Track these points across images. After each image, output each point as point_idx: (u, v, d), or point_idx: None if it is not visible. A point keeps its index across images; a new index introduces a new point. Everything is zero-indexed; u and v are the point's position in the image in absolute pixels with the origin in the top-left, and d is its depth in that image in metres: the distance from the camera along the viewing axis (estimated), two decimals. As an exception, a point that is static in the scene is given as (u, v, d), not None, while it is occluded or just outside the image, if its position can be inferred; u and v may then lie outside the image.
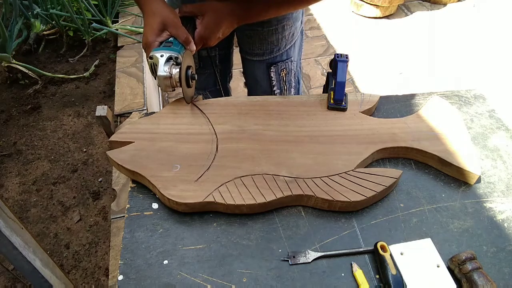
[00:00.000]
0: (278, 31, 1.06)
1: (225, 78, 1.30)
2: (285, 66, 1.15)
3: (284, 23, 1.05)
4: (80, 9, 2.08)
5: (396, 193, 0.74)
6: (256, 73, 1.17)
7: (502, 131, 0.84)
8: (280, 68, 1.14)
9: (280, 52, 1.11)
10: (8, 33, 1.97)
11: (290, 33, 1.09)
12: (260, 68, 1.15)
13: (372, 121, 0.82)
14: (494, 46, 2.64)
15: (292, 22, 1.07)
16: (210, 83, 1.25)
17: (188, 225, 0.69)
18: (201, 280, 0.62)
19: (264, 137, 0.79)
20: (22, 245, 0.91)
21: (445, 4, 3.08)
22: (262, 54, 1.11)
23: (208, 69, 1.19)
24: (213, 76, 1.22)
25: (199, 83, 1.26)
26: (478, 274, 0.59)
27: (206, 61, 1.18)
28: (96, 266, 1.45)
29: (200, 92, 1.28)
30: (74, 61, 2.30)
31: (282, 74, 1.16)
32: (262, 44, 1.09)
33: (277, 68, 1.14)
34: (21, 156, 1.84)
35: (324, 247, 0.66)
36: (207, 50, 1.15)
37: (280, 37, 1.08)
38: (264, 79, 1.17)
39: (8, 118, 2.01)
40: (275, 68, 1.14)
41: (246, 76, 1.24)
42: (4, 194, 1.68)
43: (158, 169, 0.72)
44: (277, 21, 1.04)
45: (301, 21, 1.15)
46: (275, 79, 1.16)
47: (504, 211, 0.71)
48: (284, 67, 1.15)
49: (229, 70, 1.30)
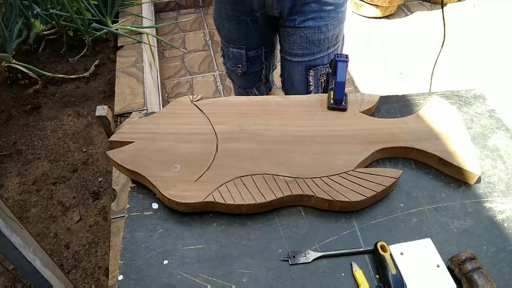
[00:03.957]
0: (322, 30, 1.02)
1: (269, 71, 1.30)
2: (325, 71, 1.09)
3: (329, 22, 1.02)
4: (80, 9, 2.08)
5: (396, 193, 0.74)
6: (293, 75, 1.13)
7: (502, 131, 0.84)
8: (319, 73, 1.09)
9: (321, 54, 1.07)
10: (8, 33, 1.97)
11: (334, 35, 1.05)
12: (298, 70, 1.10)
13: (372, 121, 0.82)
14: (494, 46, 2.64)
15: (337, 22, 1.04)
16: (256, 79, 1.26)
17: (188, 225, 0.69)
18: (201, 280, 0.62)
19: (264, 137, 0.79)
20: (22, 245, 0.91)
21: (445, 4, 3.08)
22: (301, 54, 1.07)
23: (256, 68, 1.21)
24: (259, 73, 1.24)
25: (247, 83, 1.27)
26: (478, 274, 0.59)
27: (253, 60, 1.19)
28: (96, 266, 1.45)
29: (248, 90, 1.29)
30: (74, 61, 2.30)
31: (322, 80, 1.10)
32: (303, 43, 1.05)
33: (316, 72, 1.09)
34: (21, 156, 1.84)
35: (324, 247, 0.66)
36: (256, 49, 1.17)
37: (323, 37, 1.04)
38: (301, 82, 1.12)
39: (8, 118, 2.01)
40: (314, 72, 1.09)
41: (284, 78, 1.20)
42: (4, 194, 1.68)
43: (158, 169, 0.72)
44: (321, 19, 1.01)
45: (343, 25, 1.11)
46: (313, 84, 1.11)
47: (504, 211, 0.71)
48: (324, 72, 1.09)
49: (273, 63, 1.30)
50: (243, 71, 1.22)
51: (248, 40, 1.15)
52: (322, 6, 1.00)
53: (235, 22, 1.11)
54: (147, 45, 2.18)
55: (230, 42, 1.18)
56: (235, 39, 1.16)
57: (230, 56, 1.21)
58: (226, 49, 1.22)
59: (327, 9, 1.01)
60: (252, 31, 1.13)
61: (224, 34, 1.18)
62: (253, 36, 1.15)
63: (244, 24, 1.11)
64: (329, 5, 1.01)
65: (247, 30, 1.13)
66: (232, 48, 1.19)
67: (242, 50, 1.17)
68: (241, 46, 1.17)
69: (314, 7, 1.00)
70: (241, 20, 1.10)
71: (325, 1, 1.00)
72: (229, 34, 1.16)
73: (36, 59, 2.31)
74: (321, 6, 1.00)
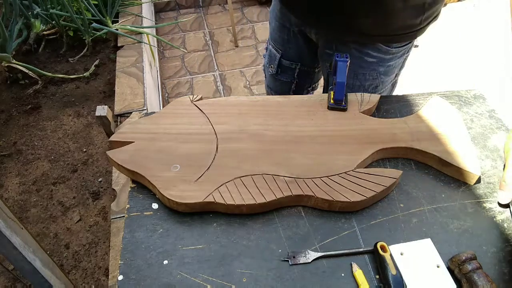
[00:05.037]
0: (358, 78, 0.97)
1: (302, 90, 1.24)
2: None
3: (367, 73, 0.97)
4: (80, 9, 2.08)
5: (396, 193, 0.74)
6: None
7: (502, 131, 0.84)
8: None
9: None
10: (8, 33, 1.97)
11: (372, 85, 1.00)
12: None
13: (372, 121, 0.82)
14: (494, 46, 2.64)
15: (378, 75, 0.98)
16: (285, 90, 1.22)
17: (188, 225, 0.69)
18: (201, 280, 0.62)
19: (264, 137, 0.79)
20: (22, 245, 0.91)
21: (445, 4, 3.08)
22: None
23: (286, 78, 1.17)
24: (288, 85, 1.20)
25: (274, 86, 1.24)
26: (478, 274, 0.59)
27: (285, 70, 1.16)
28: (96, 266, 1.45)
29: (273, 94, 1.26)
30: (74, 61, 2.30)
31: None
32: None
33: None
34: (21, 156, 1.84)
35: (324, 247, 0.66)
36: (291, 62, 1.13)
37: (358, 84, 0.99)
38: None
39: (8, 118, 2.01)
40: None
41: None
42: (4, 194, 1.68)
43: (158, 169, 0.72)
44: (359, 66, 0.95)
45: (397, 75, 1.04)
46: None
47: (504, 211, 0.71)
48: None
49: (309, 85, 1.23)
50: (272, 73, 1.19)
51: (286, 48, 1.11)
52: (363, 56, 0.93)
53: (280, 24, 1.08)
54: (147, 45, 2.18)
55: (272, 40, 1.15)
56: (276, 39, 1.13)
57: (269, 52, 1.18)
58: (268, 43, 1.19)
59: (368, 60, 0.94)
60: (291, 41, 1.08)
61: (270, 30, 1.15)
62: (291, 47, 1.10)
63: (287, 31, 1.07)
64: (372, 57, 0.94)
65: (287, 38, 1.08)
66: (271, 46, 1.16)
67: (278, 54, 1.14)
68: (278, 49, 1.13)
69: (354, 53, 0.93)
70: (285, 25, 1.06)
71: (367, 52, 0.92)
72: (273, 32, 1.13)
73: (36, 59, 2.31)
74: (362, 56, 0.93)
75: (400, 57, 0.98)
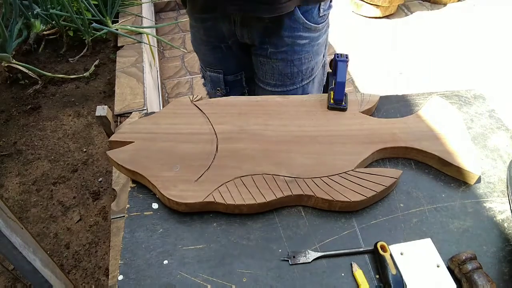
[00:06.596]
0: (295, 64, 0.99)
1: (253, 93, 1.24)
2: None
3: (302, 56, 0.98)
4: (80, 9, 2.08)
5: (396, 193, 0.74)
6: None
7: (502, 131, 0.84)
8: None
9: (294, 86, 1.04)
10: (8, 33, 1.97)
11: (309, 68, 1.02)
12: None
13: (372, 121, 0.82)
14: (494, 46, 2.64)
15: (312, 56, 1.00)
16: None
17: (188, 225, 0.69)
18: (201, 280, 0.62)
19: (264, 137, 0.79)
20: (22, 245, 0.91)
21: (445, 4, 3.08)
22: (274, 85, 1.04)
23: (237, 92, 1.17)
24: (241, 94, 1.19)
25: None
26: (478, 274, 0.59)
27: (233, 85, 1.16)
28: (96, 266, 1.45)
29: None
30: (74, 61, 2.30)
31: None
32: (275, 74, 1.02)
33: None
34: (21, 156, 1.84)
35: (324, 247, 0.66)
36: (235, 74, 1.13)
37: (296, 70, 1.00)
38: None
39: (8, 118, 2.01)
40: None
41: None
42: (4, 194, 1.68)
43: (158, 169, 0.72)
44: (294, 52, 0.97)
45: (324, 55, 1.07)
46: None
47: (504, 211, 0.71)
48: None
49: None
50: (223, 94, 1.19)
51: (225, 65, 1.12)
52: (296, 39, 0.95)
53: (210, 47, 1.08)
54: (147, 45, 2.18)
55: (207, 66, 1.15)
56: (211, 63, 1.13)
57: (208, 79, 1.18)
58: (204, 72, 1.19)
59: (301, 43, 0.96)
60: (228, 56, 1.09)
61: (201, 58, 1.16)
62: (230, 61, 1.11)
63: (219, 49, 1.07)
64: (304, 39, 0.95)
65: (222, 55, 1.09)
66: (209, 72, 1.15)
67: (219, 75, 1.14)
68: (218, 70, 1.13)
69: (287, 41, 0.95)
70: (215, 45, 1.06)
71: (299, 35, 0.94)
72: (205, 58, 1.13)
73: (36, 59, 2.31)
74: (295, 40, 0.95)
75: (324, 33, 1.01)
